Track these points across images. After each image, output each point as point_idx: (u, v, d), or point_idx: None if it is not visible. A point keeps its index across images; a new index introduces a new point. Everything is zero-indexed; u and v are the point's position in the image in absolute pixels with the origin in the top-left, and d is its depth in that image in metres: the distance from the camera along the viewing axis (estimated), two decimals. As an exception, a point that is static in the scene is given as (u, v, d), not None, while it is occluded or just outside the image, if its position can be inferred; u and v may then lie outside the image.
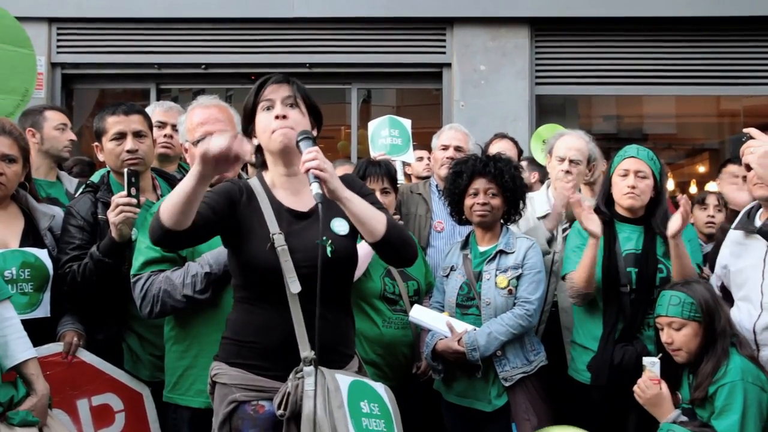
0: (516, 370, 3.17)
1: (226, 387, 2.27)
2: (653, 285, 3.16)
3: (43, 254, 2.93)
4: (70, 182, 4.03)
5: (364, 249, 3.15)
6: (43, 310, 2.91)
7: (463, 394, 3.26)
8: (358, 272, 3.20)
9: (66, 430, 2.65)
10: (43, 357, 2.70)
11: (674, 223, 3.05)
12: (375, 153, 4.33)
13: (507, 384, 3.15)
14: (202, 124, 2.80)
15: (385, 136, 4.50)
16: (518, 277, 3.23)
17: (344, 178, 2.30)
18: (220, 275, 2.61)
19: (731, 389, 2.71)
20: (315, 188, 2.08)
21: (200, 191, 2.05)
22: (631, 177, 3.22)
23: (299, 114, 2.31)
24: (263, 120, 2.31)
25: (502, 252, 3.28)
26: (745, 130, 2.80)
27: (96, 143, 3.10)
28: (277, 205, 2.32)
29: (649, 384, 2.86)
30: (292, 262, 2.20)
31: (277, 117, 2.28)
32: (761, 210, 3.06)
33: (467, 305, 3.29)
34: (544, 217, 3.76)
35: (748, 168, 2.82)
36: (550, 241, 3.65)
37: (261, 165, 2.43)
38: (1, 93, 3.99)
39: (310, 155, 2.10)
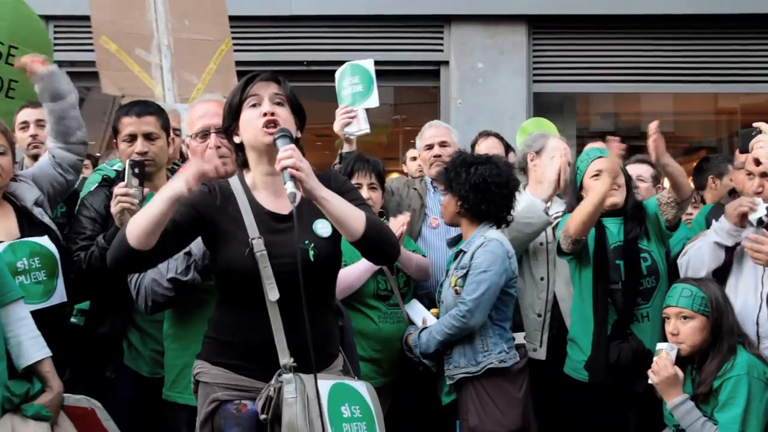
0: (458, 369, 3.16)
1: (208, 386, 2.25)
2: (640, 274, 3.19)
3: (45, 240, 2.94)
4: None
5: (364, 265, 3.18)
6: (59, 296, 2.91)
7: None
8: (355, 285, 3.24)
9: None
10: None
11: (653, 148, 3.05)
12: (340, 106, 3.98)
13: (449, 382, 3.19)
14: (201, 118, 2.82)
15: (347, 86, 4.11)
16: (464, 277, 3.18)
17: (324, 175, 2.26)
18: (202, 257, 2.57)
19: (736, 383, 2.72)
20: (289, 187, 2.03)
21: (173, 210, 2.11)
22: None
23: (287, 113, 2.27)
24: (250, 116, 2.25)
25: (462, 251, 3.27)
26: (754, 125, 2.82)
27: (114, 140, 3.16)
28: (257, 208, 2.27)
29: (668, 364, 2.81)
30: (271, 268, 2.16)
31: (265, 114, 2.22)
32: None
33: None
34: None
35: (758, 163, 2.86)
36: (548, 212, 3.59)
37: (242, 164, 2.37)
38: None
39: (286, 153, 2.07)
